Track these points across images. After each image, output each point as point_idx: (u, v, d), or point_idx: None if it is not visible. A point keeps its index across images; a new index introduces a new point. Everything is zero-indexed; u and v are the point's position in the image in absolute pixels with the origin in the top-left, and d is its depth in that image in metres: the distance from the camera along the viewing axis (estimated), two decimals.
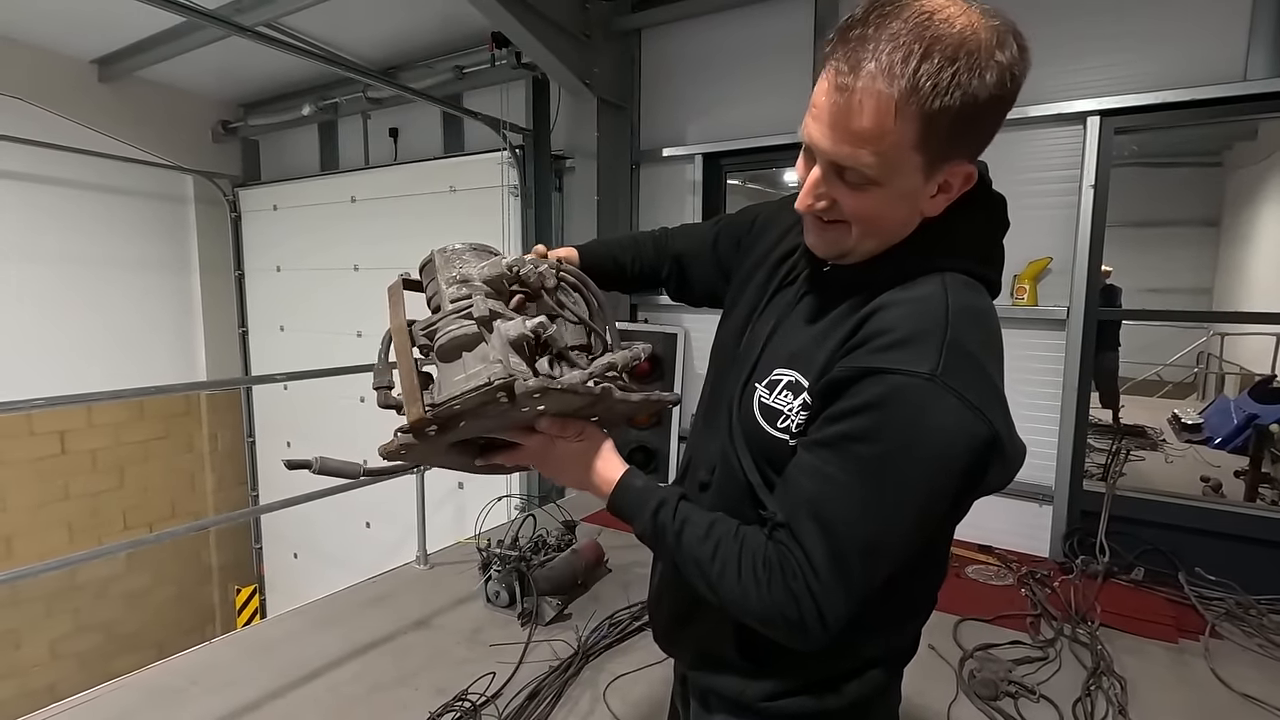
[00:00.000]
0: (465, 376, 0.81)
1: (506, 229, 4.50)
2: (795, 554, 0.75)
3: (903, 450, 0.72)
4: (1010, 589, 2.96)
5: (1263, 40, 2.75)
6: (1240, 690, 2.27)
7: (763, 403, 0.86)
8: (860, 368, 0.74)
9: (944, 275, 0.80)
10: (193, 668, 2.42)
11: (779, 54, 3.77)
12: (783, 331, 0.90)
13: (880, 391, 0.72)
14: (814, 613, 0.74)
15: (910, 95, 0.67)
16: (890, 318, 0.75)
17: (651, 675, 2.37)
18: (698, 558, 0.82)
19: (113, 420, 5.47)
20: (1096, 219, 3.10)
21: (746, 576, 0.78)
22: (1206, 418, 5.66)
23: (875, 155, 0.71)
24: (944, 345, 0.72)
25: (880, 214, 0.78)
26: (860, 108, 0.69)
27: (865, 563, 0.74)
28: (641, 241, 1.23)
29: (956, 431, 0.71)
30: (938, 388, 0.70)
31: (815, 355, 0.82)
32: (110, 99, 5.22)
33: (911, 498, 0.73)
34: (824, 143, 0.74)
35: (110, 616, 5.45)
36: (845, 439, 0.74)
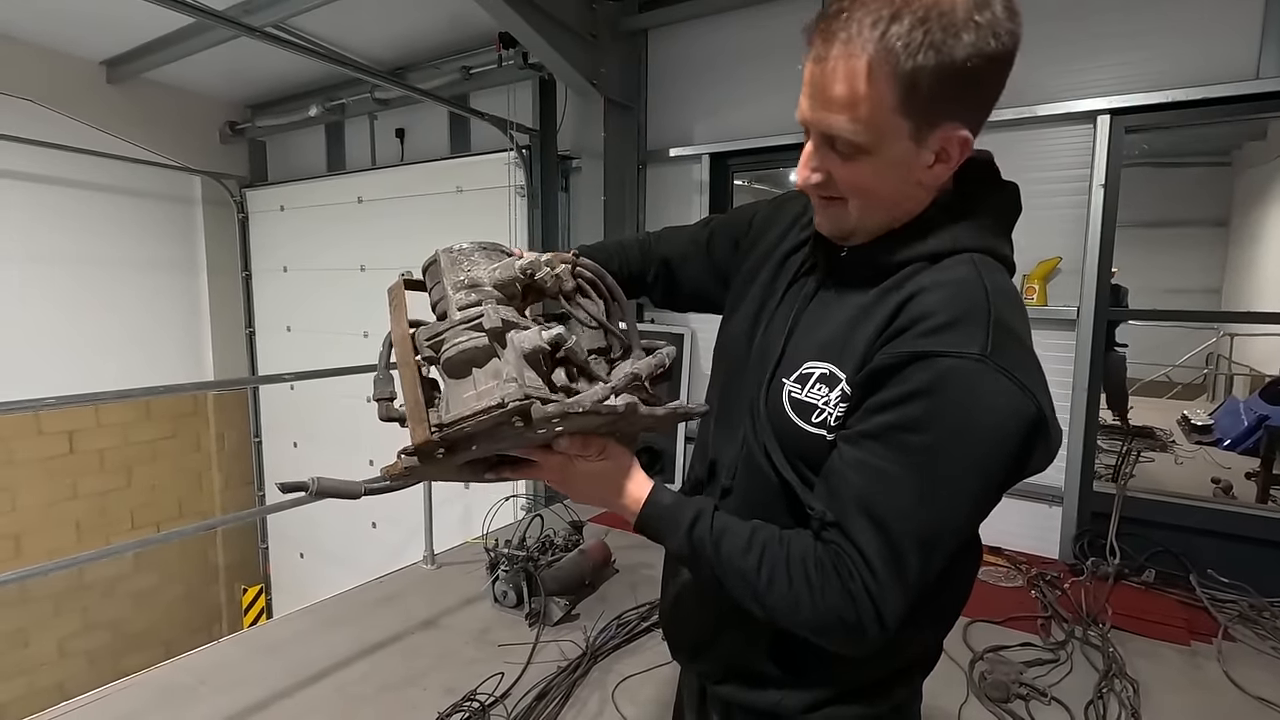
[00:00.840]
0: (476, 394, 0.74)
1: (513, 229, 4.50)
2: (849, 553, 0.72)
3: (956, 436, 0.70)
4: (1020, 591, 2.94)
5: (1275, 38, 2.73)
6: (1254, 693, 2.25)
7: (794, 398, 0.82)
8: (907, 353, 0.71)
9: (973, 256, 0.78)
10: (202, 667, 2.43)
11: (785, 53, 3.76)
12: (806, 323, 0.87)
13: (930, 376, 0.70)
14: (872, 613, 0.71)
15: (882, 57, 0.67)
16: (932, 301, 0.73)
17: (660, 676, 2.36)
18: (742, 570, 0.77)
19: (121, 420, 5.49)
20: (1107, 219, 3.08)
21: (798, 583, 0.75)
22: (1216, 419, 5.62)
23: (855, 121, 0.71)
24: (990, 325, 0.71)
25: (874, 185, 0.77)
26: (834, 73, 0.70)
27: (922, 556, 0.72)
28: (627, 246, 1.18)
29: (1009, 413, 0.70)
30: (989, 368, 0.69)
31: (851, 344, 0.79)
32: (118, 100, 5.24)
33: (966, 484, 0.71)
34: (809, 113, 0.75)
35: (118, 615, 5.47)
36: (894, 429, 0.71)
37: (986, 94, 0.74)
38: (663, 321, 4.23)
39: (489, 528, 3.34)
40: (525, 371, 0.74)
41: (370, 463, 5.32)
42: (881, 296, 0.79)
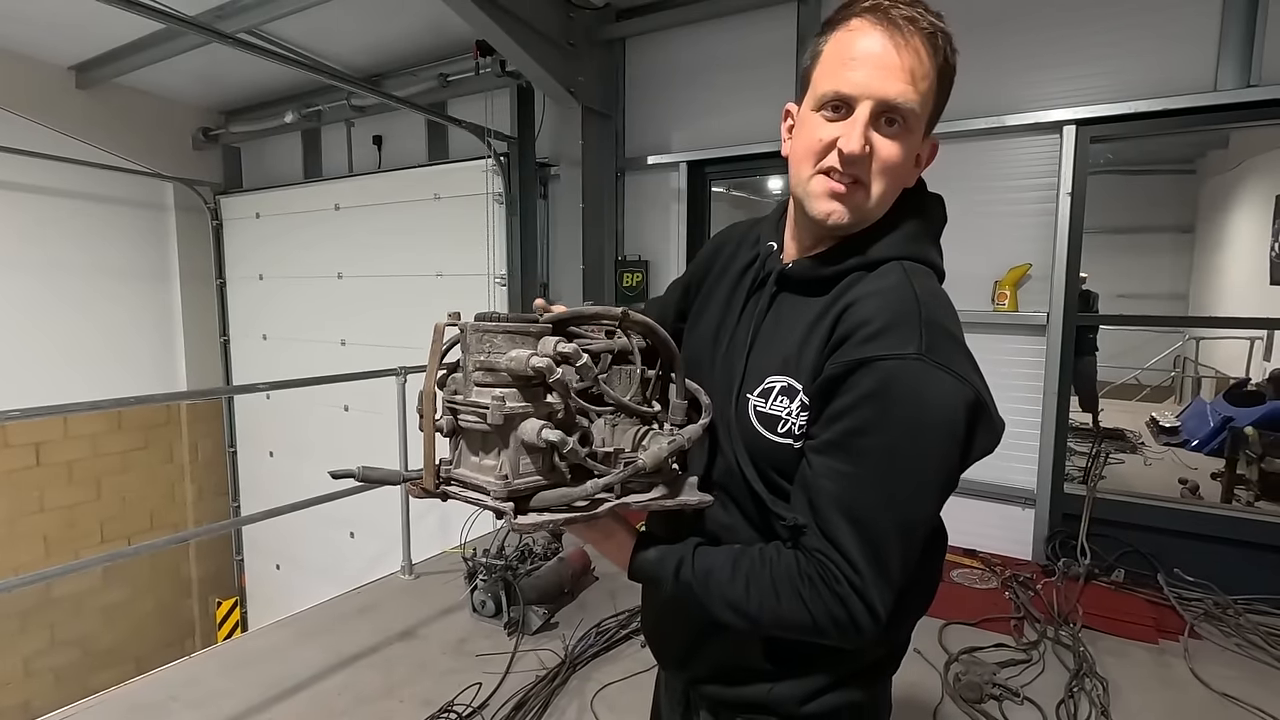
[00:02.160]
0: (478, 465, 0.80)
1: (491, 236, 4.50)
2: (833, 557, 0.76)
3: (910, 430, 0.75)
4: (994, 592, 2.99)
5: (1232, 52, 2.82)
6: (1219, 689, 2.31)
7: (759, 411, 0.86)
8: (850, 361, 0.76)
9: (903, 264, 0.84)
10: (173, 682, 2.39)
11: (763, 63, 3.81)
12: (763, 338, 0.91)
13: (875, 380, 0.75)
14: (862, 608, 0.76)
15: (936, 49, 0.80)
16: (866, 310, 0.79)
17: (639, 683, 2.36)
18: (731, 600, 0.82)
19: (90, 431, 5.38)
20: (1074, 226, 3.15)
21: (787, 596, 0.79)
22: (1184, 421, 5.75)
23: (920, 95, 0.79)
24: (922, 325, 0.76)
25: (901, 168, 0.83)
26: (918, 49, 0.79)
27: (901, 546, 0.77)
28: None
29: (951, 402, 0.75)
30: (926, 364, 0.74)
31: (804, 356, 0.84)
32: (88, 105, 5.16)
33: (926, 473, 0.76)
34: (884, 85, 0.79)
35: (87, 631, 5.35)
36: (853, 434, 0.76)
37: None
38: None
39: (467, 537, 3.32)
40: (521, 460, 0.77)
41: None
42: (828, 307, 0.85)
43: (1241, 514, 3.22)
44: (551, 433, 0.74)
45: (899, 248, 0.85)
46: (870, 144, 0.80)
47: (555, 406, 0.78)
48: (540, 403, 0.77)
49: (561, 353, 0.77)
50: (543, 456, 0.77)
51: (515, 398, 0.76)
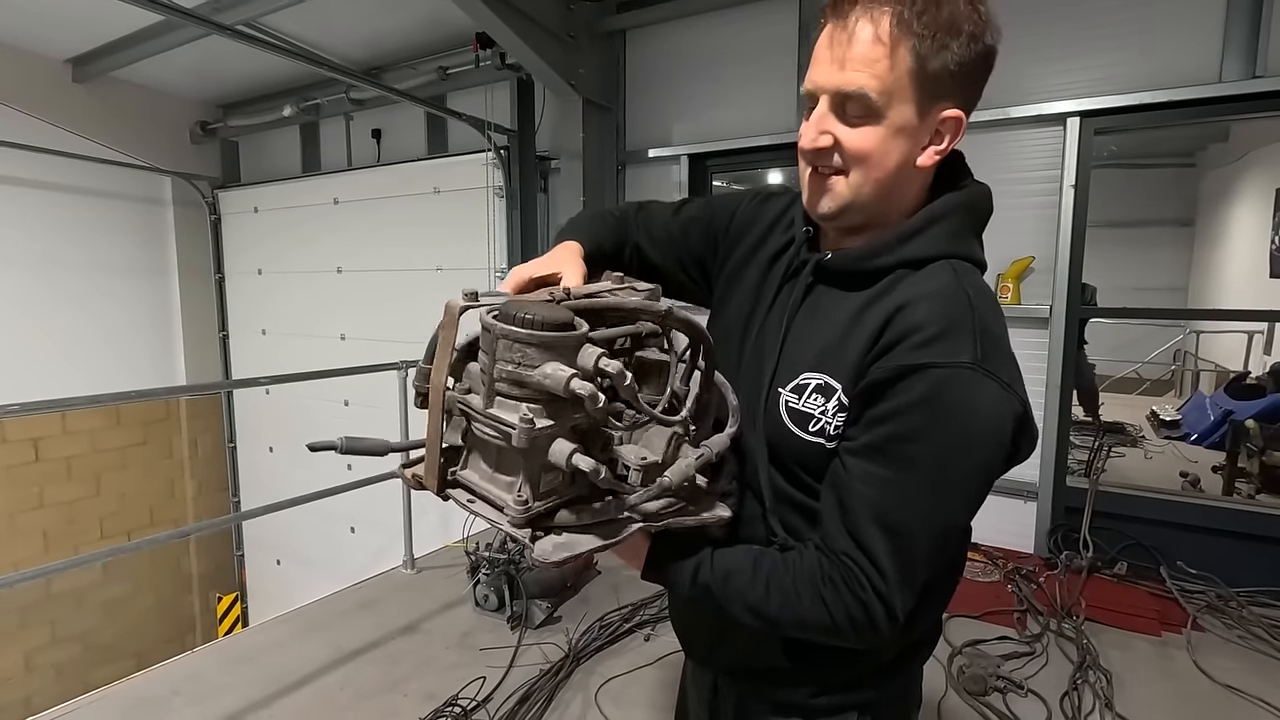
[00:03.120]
0: (489, 476, 0.75)
1: (491, 230, 4.48)
2: (859, 561, 0.76)
3: (955, 441, 0.74)
4: (997, 585, 2.99)
5: (1236, 43, 2.81)
6: (1222, 681, 2.31)
7: (791, 407, 0.85)
8: (903, 365, 0.75)
9: (952, 263, 0.82)
10: (174, 677, 2.38)
11: (764, 56, 3.78)
12: (798, 331, 0.89)
13: (926, 387, 0.73)
14: (883, 611, 0.76)
15: (903, 23, 0.74)
16: (919, 314, 0.76)
17: (643, 676, 2.36)
18: (751, 603, 0.82)
19: (89, 426, 5.36)
20: (1077, 218, 3.14)
21: (809, 599, 0.79)
22: (1184, 414, 5.75)
23: (874, 78, 0.75)
24: (977, 333, 0.75)
25: (876, 155, 0.79)
26: (858, 32, 0.76)
27: (930, 553, 0.77)
28: (605, 223, 1.14)
29: (999, 414, 0.74)
30: (979, 374, 0.73)
31: (843, 355, 0.81)
32: (85, 99, 5.12)
33: (968, 483, 0.76)
34: (822, 78, 0.78)
35: (88, 627, 5.34)
36: (897, 440, 0.75)
37: (980, 79, 0.80)
38: None
39: (469, 531, 3.31)
40: (543, 478, 0.71)
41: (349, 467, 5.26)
42: (869, 304, 0.82)
43: (1243, 506, 3.23)
44: (584, 460, 0.68)
45: (946, 245, 0.83)
46: (835, 136, 0.79)
47: (581, 420, 0.72)
48: (566, 417, 0.71)
49: (604, 371, 0.69)
50: (564, 473, 0.71)
51: (542, 414, 0.69)
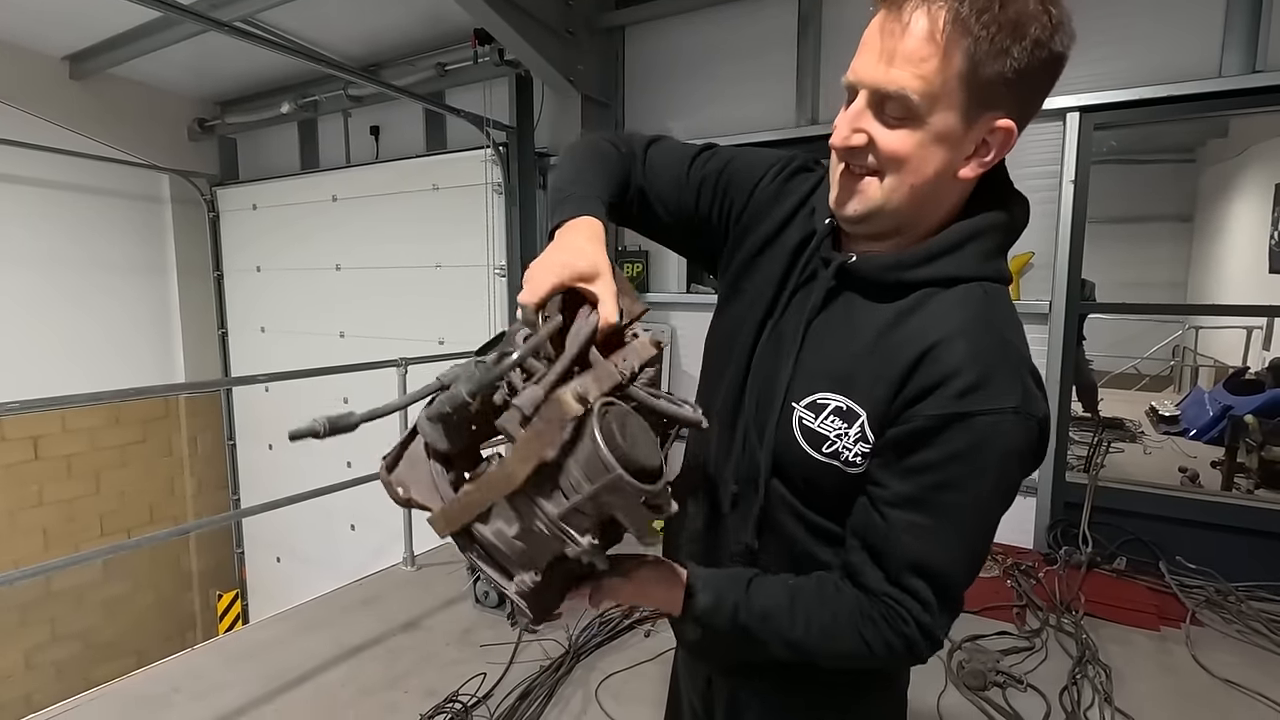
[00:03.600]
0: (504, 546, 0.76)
1: (491, 227, 4.47)
2: (904, 602, 0.77)
3: (995, 483, 0.75)
4: (996, 581, 2.99)
5: (1236, 37, 2.80)
6: (1221, 675, 2.32)
7: (805, 425, 0.82)
8: (946, 414, 0.73)
9: (983, 285, 0.79)
10: (175, 674, 2.38)
11: (763, 51, 3.77)
12: (815, 341, 0.84)
13: (972, 438, 0.73)
14: (923, 643, 0.78)
15: (960, 21, 0.68)
16: (958, 356, 0.73)
17: (644, 672, 2.36)
18: (791, 641, 0.81)
19: (88, 425, 5.35)
20: (1077, 214, 3.14)
21: (849, 636, 0.79)
22: (1183, 410, 5.76)
23: (919, 78, 0.69)
24: (1018, 374, 0.74)
25: (913, 160, 0.73)
26: (911, 26, 0.69)
27: (968, 580, 0.80)
28: (615, 167, 0.96)
29: (1032, 449, 0.76)
30: (1022, 419, 0.73)
31: (868, 382, 0.78)
32: (82, 96, 5.11)
33: (999, 515, 0.78)
34: (866, 71, 0.73)
35: (88, 625, 5.34)
36: (939, 489, 0.75)
37: (1043, 89, 0.74)
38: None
39: None
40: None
41: (348, 464, 5.26)
42: (896, 323, 0.79)
43: (1242, 501, 3.24)
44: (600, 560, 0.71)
45: (979, 266, 0.79)
46: (869, 134, 0.74)
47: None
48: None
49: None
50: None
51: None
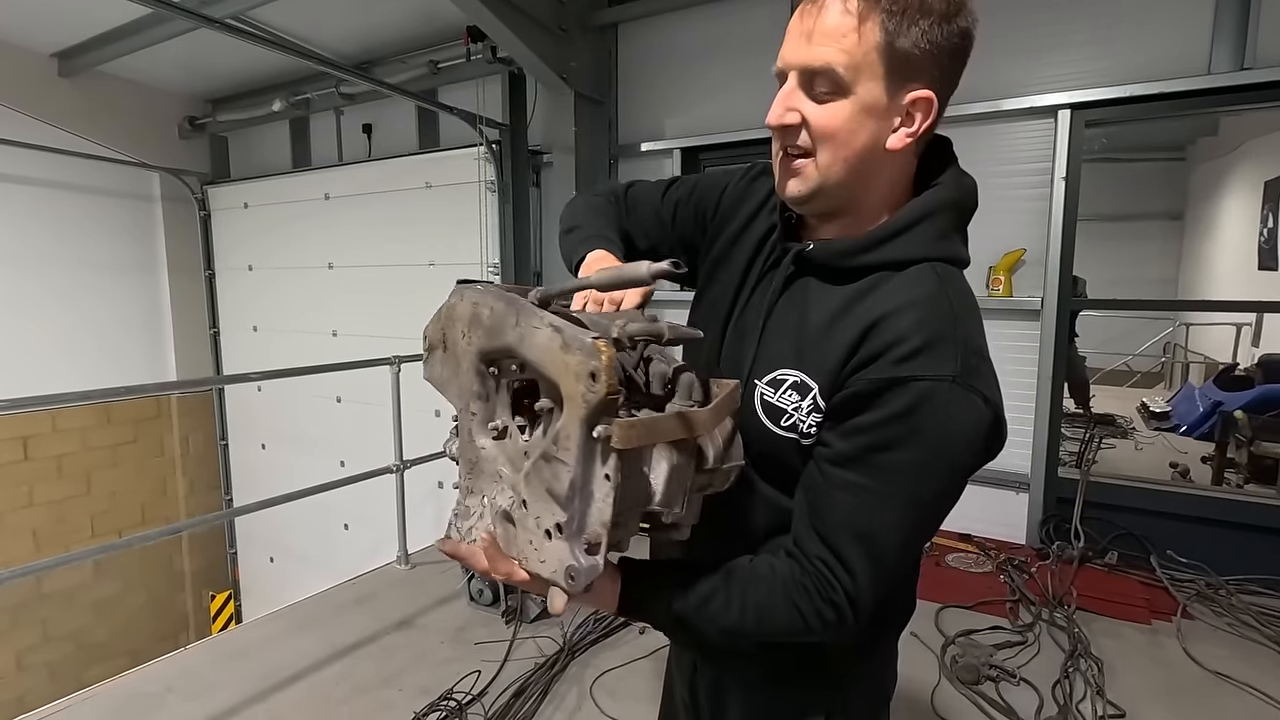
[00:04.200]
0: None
1: (484, 225, 4.46)
2: (833, 567, 0.78)
3: (933, 452, 0.76)
4: (989, 576, 3.01)
5: (1225, 35, 2.82)
6: (1212, 668, 2.33)
7: (765, 400, 0.85)
8: (885, 379, 0.76)
9: (934, 266, 0.81)
10: (169, 674, 2.37)
11: (756, 48, 3.77)
12: (776, 324, 0.89)
13: (908, 400, 0.74)
14: (851, 612, 0.78)
15: (869, 1, 0.74)
16: (903, 325, 0.77)
17: (638, 669, 2.36)
18: (728, 627, 0.82)
19: (79, 425, 5.32)
20: (1068, 211, 3.16)
21: (784, 609, 0.80)
22: (1174, 406, 5.80)
23: (842, 52, 0.74)
24: (959, 346, 0.76)
25: (844, 132, 0.78)
26: (826, 9, 0.75)
27: (900, 553, 0.80)
28: (609, 211, 1.12)
29: (975, 425, 0.76)
30: (960, 388, 0.75)
31: (821, 356, 0.82)
32: (71, 94, 5.07)
33: (941, 492, 0.79)
34: (792, 55, 0.78)
35: (79, 626, 5.31)
36: (875, 449, 0.76)
37: (956, 63, 0.78)
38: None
39: None
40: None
41: (341, 464, 5.25)
42: (850, 304, 0.82)
43: (1232, 496, 3.26)
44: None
45: (930, 247, 0.82)
46: (801, 113, 0.78)
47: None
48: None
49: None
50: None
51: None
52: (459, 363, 0.77)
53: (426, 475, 4.29)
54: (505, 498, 0.75)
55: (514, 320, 0.70)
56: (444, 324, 0.78)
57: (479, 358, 0.75)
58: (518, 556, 0.74)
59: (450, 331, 0.77)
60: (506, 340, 0.71)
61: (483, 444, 0.77)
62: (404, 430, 3.33)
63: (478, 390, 0.77)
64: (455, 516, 0.81)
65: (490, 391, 0.77)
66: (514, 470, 0.74)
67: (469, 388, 0.77)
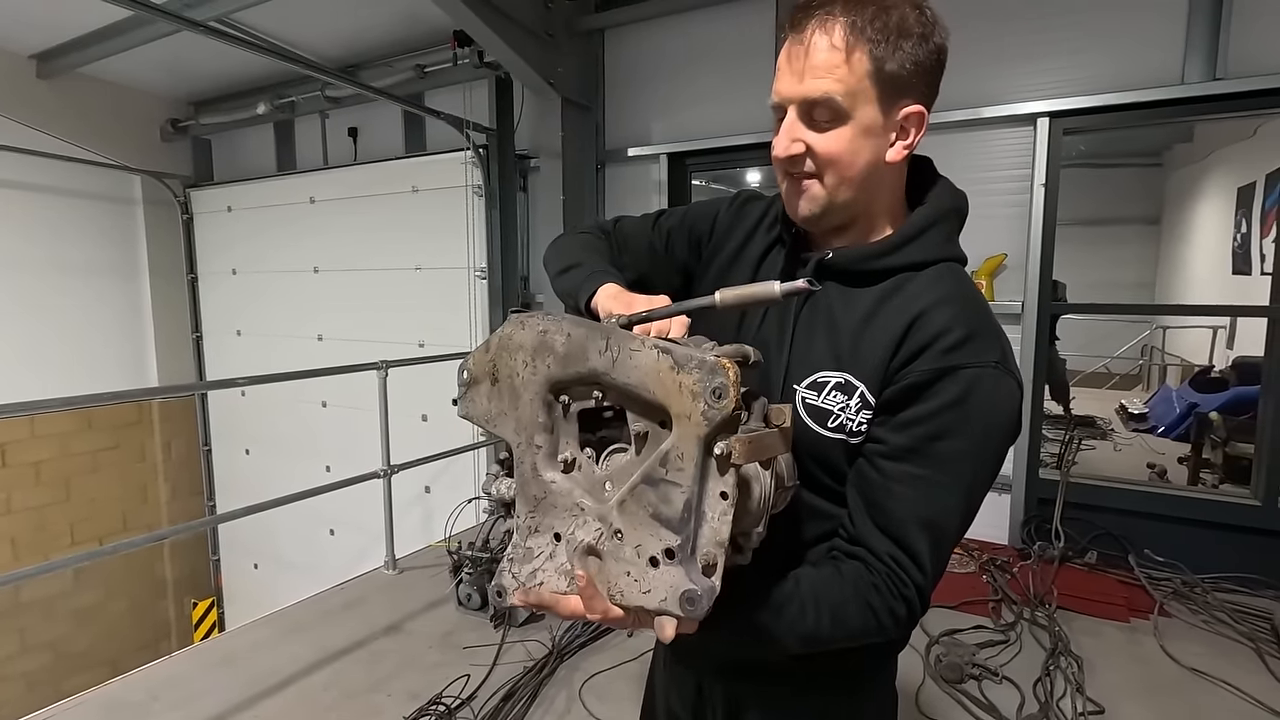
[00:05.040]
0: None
1: (471, 229, 4.47)
2: (903, 562, 0.80)
3: (985, 435, 0.80)
4: (973, 576, 3.05)
5: (1198, 46, 2.89)
6: (1188, 665, 2.38)
7: (810, 404, 0.87)
8: (937, 368, 0.80)
9: (950, 265, 0.88)
10: (153, 682, 2.35)
11: (742, 55, 3.82)
12: (804, 331, 0.90)
13: (960, 387, 0.79)
14: (919, 603, 0.81)
15: (856, 30, 0.79)
16: (944, 318, 0.81)
17: (627, 672, 2.38)
18: (805, 632, 0.81)
19: (58, 431, 5.24)
20: (1048, 217, 3.22)
21: (858, 611, 0.80)
22: (1151, 407, 5.91)
23: (838, 82, 0.79)
24: (996, 335, 0.82)
25: (848, 156, 0.83)
26: (816, 44, 0.80)
27: (958, 539, 0.84)
28: (603, 245, 1.11)
29: (1016, 406, 0.82)
30: (1002, 373, 0.80)
31: (863, 355, 0.85)
32: (50, 96, 5.01)
33: (992, 473, 0.83)
34: (788, 89, 0.82)
35: (58, 635, 5.23)
36: (933, 439, 0.80)
37: (936, 75, 0.84)
38: None
39: (452, 531, 3.30)
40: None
41: (327, 469, 5.21)
42: (880, 304, 0.86)
43: (1207, 496, 3.33)
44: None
45: (943, 249, 0.88)
46: (806, 142, 0.83)
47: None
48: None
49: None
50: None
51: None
52: (518, 394, 0.73)
53: (414, 480, 4.28)
54: (589, 531, 0.71)
55: (603, 345, 0.68)
56: (495, 355, 0.74)
57: (548, 387, 0.71)
58: (609, 591, 0.70)
59: (505, 362, 0.74)
60: (591, 366, 0.68)
61: (552, 478, 0.73)
62: (391, 435, 3.32)
63: (543, 421, 0.72)
64: (511, 562, 0.75)
65: (557, 421, 0.73)
66: (597, 501, 0.70)
67: (533, 419, 0.73)
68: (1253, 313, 5.32)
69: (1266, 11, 2.81)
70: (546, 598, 0.74)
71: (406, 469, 3.37)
